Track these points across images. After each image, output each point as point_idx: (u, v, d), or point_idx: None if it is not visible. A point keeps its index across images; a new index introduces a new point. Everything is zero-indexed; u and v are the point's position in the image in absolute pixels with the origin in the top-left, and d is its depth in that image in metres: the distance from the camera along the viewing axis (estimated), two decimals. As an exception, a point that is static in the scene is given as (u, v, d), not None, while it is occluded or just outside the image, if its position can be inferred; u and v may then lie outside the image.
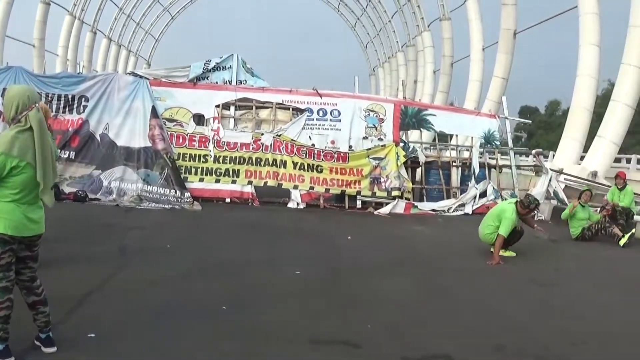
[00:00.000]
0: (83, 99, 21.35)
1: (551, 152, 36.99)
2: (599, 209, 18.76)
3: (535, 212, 18.32)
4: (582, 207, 17.48)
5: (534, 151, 27.43)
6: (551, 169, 24.11)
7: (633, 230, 17.29)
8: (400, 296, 9.91)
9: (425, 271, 12.20)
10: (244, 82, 23.38)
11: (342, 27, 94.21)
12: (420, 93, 61.00)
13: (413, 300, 9.76)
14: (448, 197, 23.32)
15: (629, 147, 52.75)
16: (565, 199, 21.21)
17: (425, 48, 61.20)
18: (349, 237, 15.67)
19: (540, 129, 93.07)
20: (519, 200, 14.21)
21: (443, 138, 27.22)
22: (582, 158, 30.66)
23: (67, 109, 21.13)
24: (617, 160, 33.89)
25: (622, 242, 16.56)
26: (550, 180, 22.95)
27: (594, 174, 26.71)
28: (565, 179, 24.98)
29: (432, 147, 27.00)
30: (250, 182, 21.83)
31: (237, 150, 21.91)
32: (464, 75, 52.06)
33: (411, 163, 23.43)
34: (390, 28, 73.10)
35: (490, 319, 8.81)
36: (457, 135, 27.11)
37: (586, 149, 30.59)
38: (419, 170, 24.02)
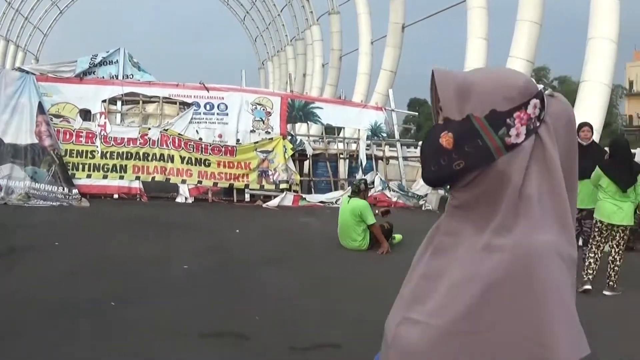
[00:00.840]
0: (-29, 96, 20.81)
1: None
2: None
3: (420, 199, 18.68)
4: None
5: (420, 142, 28.00)
6: (438, 160, 24.62)
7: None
8: (289, 288, 10.03)
9: (313, 262, 12.38)
10: (131, 76, 23.12)
11: (231, 21, 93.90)
12: (309, 86, 61.10)
13: (301, 291, 9.88)
14: (336, 189, 23.56)
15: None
16: (453, 189, 21.68)
17: (314, 42, 61.35)
18: (237, 231, 15.70)
19: (429, 120, 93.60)
20: (349, 194, 14.52)
21: (331, 131, 27.55)
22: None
23: (-46, 106, 20.52)
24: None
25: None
26: (437, 170, 23.44)
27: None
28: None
29: (319, 140, 27.26)
30: (137, 178, 21.65)
31: (124, 145, 21.67)
32: (352, 68, 52.50)
33: (299, 156, 23.68)
34: (279, 22, 73.03)
35: (378, 307, 8.70)
36: (344, 128, 27.48)
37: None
38: (306, 163, 24.32)
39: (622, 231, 10.47)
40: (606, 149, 11.54)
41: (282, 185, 22.41)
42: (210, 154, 21.91)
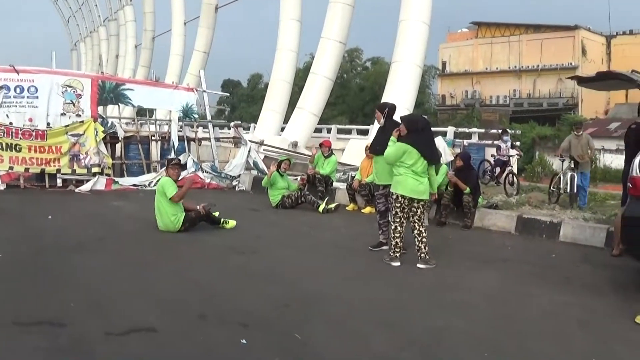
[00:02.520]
0: None
1: (253, 124, 38.13)
2: (298, 178, 19.75)
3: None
4: (282, 176, 18.29)
5: (232, 124, 28.37)
6: (251, 141, 25.00)
7: (336, 204, 18.32)
8: (103, 272, 9.98)
9: (126, 246, 12.40)
10: (-62, 59, 22.42)
11: (43, 1, 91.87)
12: (122, 68, 60.60)
13: (115, 275, 9.85)
14: (149, 172, 23.62)
15: (331, 118, 55.15)
16: (266, 169, 22.07)
17: (127, 22, 60.75)
18: (50, 217, 15.46)
19: (243, 102, 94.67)
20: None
21: (142, 113, 27.55)
22: (283, 129, 31.98)
23: None
24: (319, 130, 35.53)
25: (321, 208, 17.49)
26: (249, 151, 23.80)
27: (295, 144, 27.96)
28: (265, 150, 25.97)
29: (131, 122, 27.08)
30: (-52, 165, 20.84)
31: None
32: (165, 49, 52.44)
33: (110, 139, 23.45)
34: (92, 2, 71.95)
35: (192, 289, 9.06)
36: (156, 110, 27.56)
37: (288, 120, 31.96)
38: (118, 146, 24.11)
39: (422, 206, 11.12)
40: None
41: (94, 169, 22.15)
42: (20, 138, 21.29)
